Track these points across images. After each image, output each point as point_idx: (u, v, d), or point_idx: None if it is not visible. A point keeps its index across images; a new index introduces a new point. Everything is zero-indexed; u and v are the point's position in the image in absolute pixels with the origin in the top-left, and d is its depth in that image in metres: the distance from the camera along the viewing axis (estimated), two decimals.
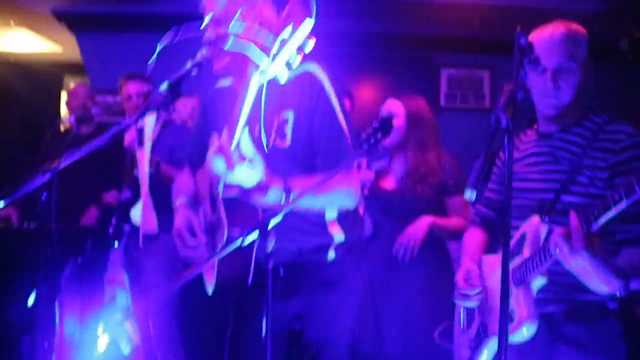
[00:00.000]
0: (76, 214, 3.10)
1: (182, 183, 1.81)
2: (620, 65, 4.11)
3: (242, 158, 1.29)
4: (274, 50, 1.24)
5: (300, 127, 1.57)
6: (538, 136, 1.59)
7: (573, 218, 1.22)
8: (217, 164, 1.31)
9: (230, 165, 1.28)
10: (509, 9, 3.63)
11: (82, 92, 3.22)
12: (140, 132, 2.34)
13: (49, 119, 4.27)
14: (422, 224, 2.25)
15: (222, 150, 1.30)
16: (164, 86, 1.52)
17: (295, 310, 1.71)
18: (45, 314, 3.11)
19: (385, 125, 2.09)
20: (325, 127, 1.57)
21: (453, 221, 2.31)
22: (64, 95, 4.61)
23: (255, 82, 1.26)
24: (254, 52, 1.30)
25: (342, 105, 1.60)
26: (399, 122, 2.34)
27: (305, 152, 1.58)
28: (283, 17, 1.57)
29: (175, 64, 1.55)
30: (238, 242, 1.28)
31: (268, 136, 1.61)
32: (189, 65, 1.57)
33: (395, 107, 2.37)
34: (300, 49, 1.22)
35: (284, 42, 1.23)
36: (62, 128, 3.08)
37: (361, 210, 2.19)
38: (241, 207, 1.49)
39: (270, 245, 1.34)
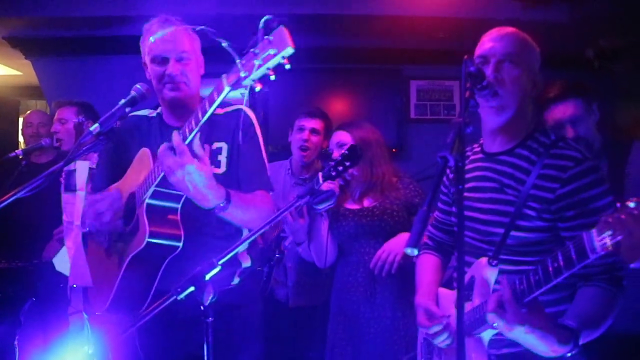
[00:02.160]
0: (35, 249, 2.97)
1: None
2: (586, 73, 4.14)
3: (194, 156, 1.39)
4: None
5: (233, 157, 1.73)
6: (483, 155, 1.50)
7: (505, 290, 1.15)
8: (167, 159, 1.39)
9: (180, 160, 1.37)
10: (476, 20, 3.61)
11: (36, 119, 3.08)
12: (69, 175, 2.21)
13: (6, 144, 4.13)
14: (401, 240, 2.19)
15: (173, 147, 1.38)
16: (95, 127, 1.42)
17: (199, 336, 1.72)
18: (4, 351, 3.00)
19: (354, 153, 2.07)
20: (252, 155, 1.74)
21: None
22: (21, 119, 4.48)
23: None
24: None
25: (264, 145, 1.80)
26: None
27: (235, 179, 1.74)
28: None
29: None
30: (173, 297, 1.24)
31: None
32: (122, 102, 1.49)
33: (342, 137, 2.36)
34: None
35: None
36: (11, 160, 2.93)
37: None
38: (163, 214, 1.56)
39: (209, 298, 1.24)
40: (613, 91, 4.30)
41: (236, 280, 1.78)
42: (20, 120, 4.19)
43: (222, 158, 1.71)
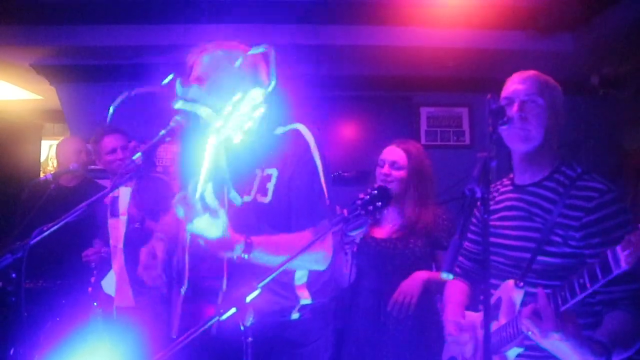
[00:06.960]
0: (61, 270, 3.04)
1: (165, 224, 1.80)
2: (591, 99, 4.23)
3: (204, 210, 1.32)
4: (226, 112, 1.33)
5: (282, 185, 1.59)
6: (513, 187, 1.59)
7: (542, 298, 1.19)
8: (179, 210, 1.35)
9: (190, 214, 1.32)
10: (484, 50, 3.73)
11: (69, 146, 3.18)
12: (114, 201, 2.27)
13: (29, 166, 4.23)
14: (417, 281, 2.21)
15: (185, 199, 1.34)
16: (138, 156, 1.51)
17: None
18: None
19: (384, 194, 2.07)
20: (304, 187, 1.59)
21: None
22: (43, 142, 4.60)
23: (212, 141, 1.32)
24: (206, 112, 1.46)
25: (326, 165, 1.62)
26: (401, 173, 2.32)
27: (285, 210, 1.59)
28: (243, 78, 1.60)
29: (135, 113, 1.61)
30: (215, 319, 1.28)
31: (246, 191, 1.63)
32: (162, 133, 1.57)
33: (397, 157, 2.34)
34: (250, 114, 1.31)
35: (236, 106, 1.31)
36: (41, 184, 3.00)
37: (346, 268, 2.12)
38: (206, 257, 1.49)
39: (249, 320, 1.31)
40: (617, 117, 4.40)
41: (295, 315, 1.66)
42: (43, 143, 4.31)
43: (270, 186, 1.59)
